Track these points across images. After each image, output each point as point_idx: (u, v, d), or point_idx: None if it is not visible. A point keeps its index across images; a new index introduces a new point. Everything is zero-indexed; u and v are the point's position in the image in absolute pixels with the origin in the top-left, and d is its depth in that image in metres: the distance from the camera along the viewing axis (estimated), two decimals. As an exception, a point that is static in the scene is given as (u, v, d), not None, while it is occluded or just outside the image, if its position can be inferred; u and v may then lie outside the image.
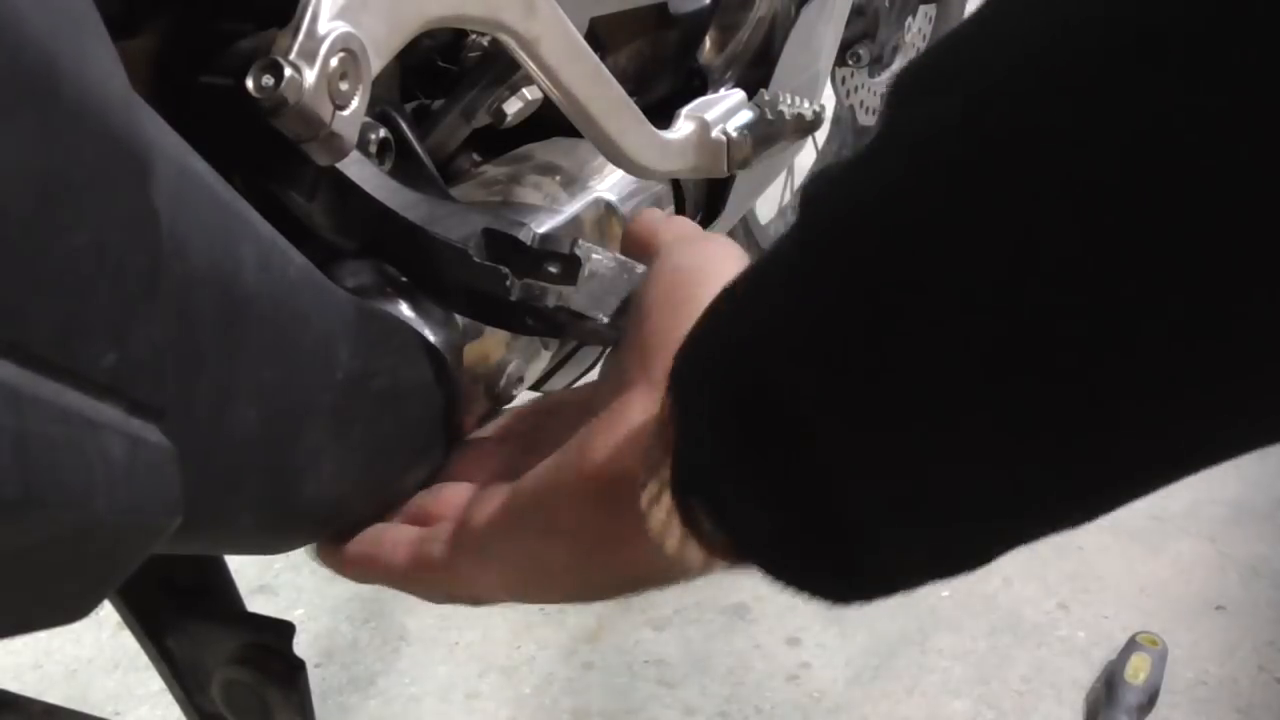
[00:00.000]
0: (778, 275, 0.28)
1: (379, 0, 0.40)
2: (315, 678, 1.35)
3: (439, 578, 0.42)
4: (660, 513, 0.32)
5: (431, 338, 0.45)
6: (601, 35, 0.65)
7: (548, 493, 0.37)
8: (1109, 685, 1.25)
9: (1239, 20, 0.19)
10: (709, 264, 0.39)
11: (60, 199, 0.23)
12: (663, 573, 0.35)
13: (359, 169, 0.45)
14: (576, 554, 0.37)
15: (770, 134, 0.70)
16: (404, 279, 0.45)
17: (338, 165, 0.43)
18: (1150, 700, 1.24)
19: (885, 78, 1.48)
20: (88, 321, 0.24)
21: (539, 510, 0.38)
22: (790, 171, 1.36)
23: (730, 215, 0.83)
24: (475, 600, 0.43)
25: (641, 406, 0.36)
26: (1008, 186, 0.22)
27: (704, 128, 0.65)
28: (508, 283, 0.44)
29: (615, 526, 0.35)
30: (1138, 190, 0.20)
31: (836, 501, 0.26)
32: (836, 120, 1.49)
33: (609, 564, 0.37)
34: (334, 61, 0.39)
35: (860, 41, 1.28)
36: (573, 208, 0.58)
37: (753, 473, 0.28)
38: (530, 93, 0.57)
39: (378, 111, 0.49)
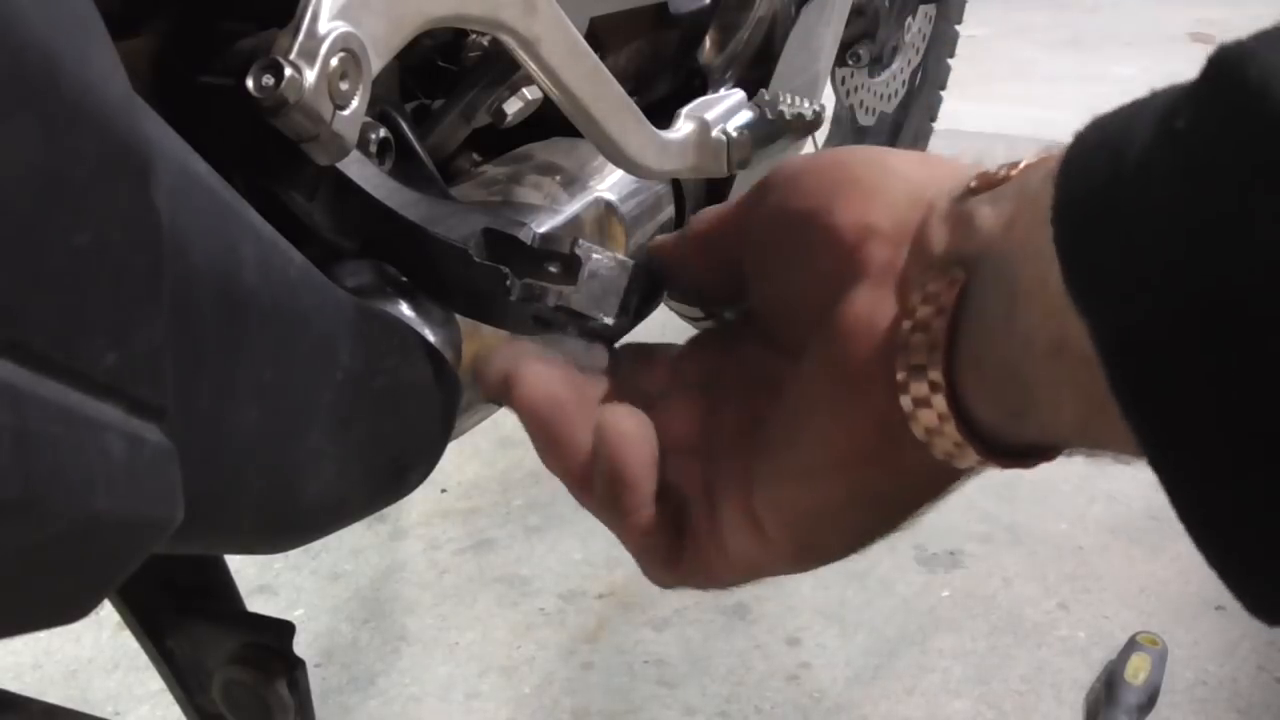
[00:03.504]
0: None
1: (379, 0, 0.40)
2: (315, 678, 1.35)
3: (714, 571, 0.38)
4: (930, 413, 0.30)
5: (431, 338, 0.45)
6: (601, 35, 0.65)
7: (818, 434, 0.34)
8: (1109, 685, 1.25)
9: None
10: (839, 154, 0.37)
11: (61, 199, 0.23)
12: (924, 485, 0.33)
13: (359, 169, 0.45)
14: (854, 484, 0.34)
15: (770, 134, 0.70)
16: (404, 279, 0.45)
17: (338, 165, 0.43)
18: (1150, 700, 1.24)
19: (885, 78, 1.48)
20: (88, 321, 0.24)
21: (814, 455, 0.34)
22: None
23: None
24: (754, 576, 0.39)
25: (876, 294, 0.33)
26: None
27: (704, 128, 0.65)
28: (508, 282, 0.44)
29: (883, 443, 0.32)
30: None
31: None
32: (836, 120, 1.48)
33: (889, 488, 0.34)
34: (334, 61, 0.39)
35: (860, 41, 1.28)
36: (573, 207, 0.58)
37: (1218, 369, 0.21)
38: (530, 93, 0.57)
39: (378, 111, 0.49)
